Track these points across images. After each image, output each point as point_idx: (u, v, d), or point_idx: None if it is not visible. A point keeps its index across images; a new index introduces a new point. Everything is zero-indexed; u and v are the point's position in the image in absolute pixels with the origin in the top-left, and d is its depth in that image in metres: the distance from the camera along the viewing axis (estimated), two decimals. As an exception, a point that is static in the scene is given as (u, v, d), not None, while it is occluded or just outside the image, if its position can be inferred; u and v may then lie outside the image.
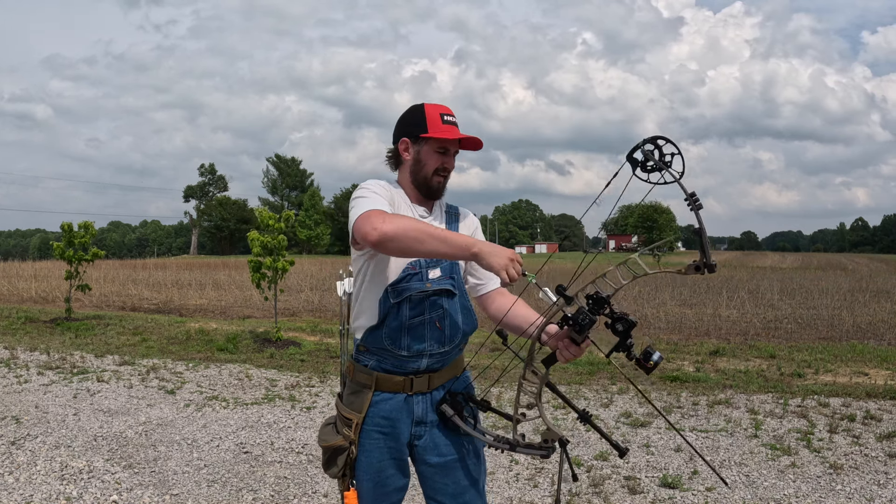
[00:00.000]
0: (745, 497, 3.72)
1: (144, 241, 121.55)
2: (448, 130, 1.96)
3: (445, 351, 1.99)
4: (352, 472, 1.99)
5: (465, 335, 2.03)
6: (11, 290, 16.37)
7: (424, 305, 1.93)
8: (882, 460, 4.31)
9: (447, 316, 1.96)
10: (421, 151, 1.98)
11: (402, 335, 1.93)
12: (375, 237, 1.68)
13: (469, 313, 2.04)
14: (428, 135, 1.95)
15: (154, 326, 10.05)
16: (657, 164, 1.69)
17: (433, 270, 1.95)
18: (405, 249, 1.70)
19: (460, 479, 2.01)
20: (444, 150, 1.98)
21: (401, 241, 1.67)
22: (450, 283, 1.97)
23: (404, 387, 1.97)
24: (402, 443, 1.99)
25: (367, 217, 1.73)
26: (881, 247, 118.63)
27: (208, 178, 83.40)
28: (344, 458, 1.97)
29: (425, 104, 2.01)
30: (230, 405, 5.67)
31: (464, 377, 2.10)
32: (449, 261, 1.96)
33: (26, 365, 7.18)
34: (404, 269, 1.93)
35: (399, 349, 1.94)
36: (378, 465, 1.98)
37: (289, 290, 15.92)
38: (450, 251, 1.70)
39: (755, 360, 7.66)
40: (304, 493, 3.78)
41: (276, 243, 8.76)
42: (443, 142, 1.96)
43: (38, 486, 3.79)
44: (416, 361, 1.96)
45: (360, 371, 2.01)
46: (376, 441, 1.98)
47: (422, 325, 1.93)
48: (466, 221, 2.14)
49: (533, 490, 3.83)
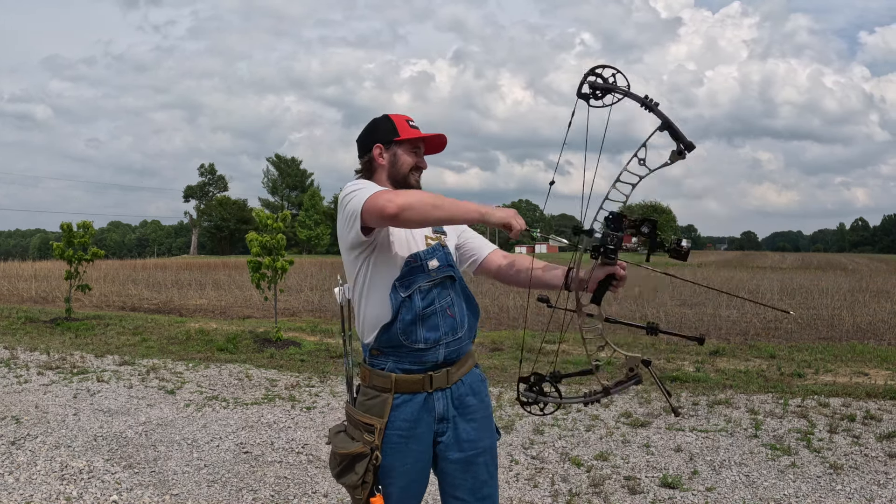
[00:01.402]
0: (745, 497, 3.72)
1: (144, 241, 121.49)
2: (416, 132, 2.13)
3: (459, 338, 2.02)
4: (375, 478, 1.94)
5: (472, 321, 2.08)
6: (11, 290, 16.37)
7: (434, 294, 1.98)
8: (882, 460, 4.31)
9: (455, 303, 2.03)
10: (396, 153, 2.10)
11: (416, 327, 1.95)
12: (393, 209, 1.76)
13: (470, 298, 2.10)
14: (401, 137, 2.09)
15: (154, 326, 10.05)
16: (605, 86, 1.83)
17: (431, 261, 2.01)
18: (423, 217, 1.79)
19: (479, 474, 2.04)
20: (416, 151, 2.13)
21: (418, 208, 1.77)
22: (451, 270, 2.04)
23: (423, 385, 1.98)
24: (426, 444, 2.00)
25: (376, 196, 1.81)
26: (881, 247, 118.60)
27: (208, 178, 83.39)
28: (365, 464, 1.93)
29: (390, 114, 2.16)
30: (230, 405, 5.67)
31: (473, 373, 2.12)
32: (444, 250, 2.06)
33: (26, 365, 7.18)
34: (406, 261, 1.98)
35: (415, 342, 1.95)
36: (403, 469, 1.97)
37: (289, 290, 15.91)
38: (462, 215, 1.82)
39: (755, 360, 7.67)
40: (304, 493, 3.78)
41: (275, 243, 8.76)
42: (415, 141, 2.12)
43: (38, 486, 3.79)
44: (434, 353, 1.97)
45: (377, 375, 1.99)
46: (400, 445, 1.96)
47: (434, 315, 1.97)
48: None
49: (533, 490, 3.83)
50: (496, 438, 2.14)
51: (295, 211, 75.35)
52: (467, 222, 1.93)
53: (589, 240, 1.84)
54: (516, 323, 11.26)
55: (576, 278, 1.90)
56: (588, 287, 1.94)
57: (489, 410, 2.12)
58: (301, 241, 71.62)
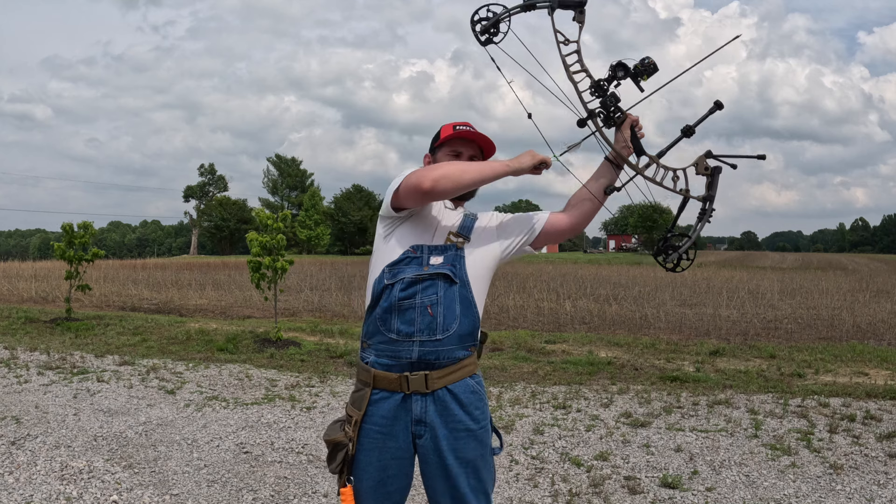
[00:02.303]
0: (745, 497, 3.72)
1: (144, 241, 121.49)
2: (454, 132, 2.14)
3: (439, 340, 1.95)
4: (349, 469, 2.00)
5: (464, 329, 1.98)
6: (11, 290, 16.36)
7: (417, 289, 1.96)
8: (882, 460, 4.31)
9: (441, 303, 1.96)
10: (436, 158, 2.18)
11: (391, 316, 1.96)
12: (428, 183, 1.89)
13: (470, 307, 2.00)
14: (439, 141, 2.16)
15: (154, 326, 10.05)
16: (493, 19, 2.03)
17: (436, 257, 2.00)
18: (455, 182, 1.91)
19: (459, 486, 1.98)
20: (457, 153, 2.15)
21: (450, 176, 1.90)
22: (449, 269, 1.99)
23: (401, 385, 1.96)
24: (402, 442, 1.99)
25: (413, 174, 1.95)
26: (881, 247, 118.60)
27: (208, 178, 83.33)
28: (342, 454, 1.99)
29: (447, 123, 2.23)
30: (230, 405, 5.67)
31: (465, 383, 2.02)
32: (457, 252, 2.03)
33: (26, 365, 7.18)
34: (405, 251, 2.00)
35: (389, 331, 1.97)
36: (378, 463, 1.99)
37: (289, 290, 15.91)
38: (490, 172, 1.96)
39: (755, 360, 7.66)
40: (304, 493, 3.78)
41: (275, 243, 8.76)
42: (452, 143, 2.14)
43: (38, 486, 3.79)
44: (408, 348, 1.95)
45: (362, 369, 2.05)
46: (376, 440, 1.99)
47: (412, 309, 1.95)
48: (485, 215, 2.21)
49: (533, 490, 3.83)
50: (489, 452, 2.06)
51: (295, 211, 75.31)
52: (497, 177, 1.98)
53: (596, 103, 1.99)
54: (516, 323, 11.26)
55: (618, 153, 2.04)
56: (627, 152, 2.03)
57: (480, 424, 2.02)
58: (301, 241, 71.56)
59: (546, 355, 7.99)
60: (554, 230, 2.15)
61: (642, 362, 7.53)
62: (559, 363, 7.44)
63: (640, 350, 8.30)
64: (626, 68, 1.95)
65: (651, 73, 1.96)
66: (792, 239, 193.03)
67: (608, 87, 1.97)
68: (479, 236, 2.10)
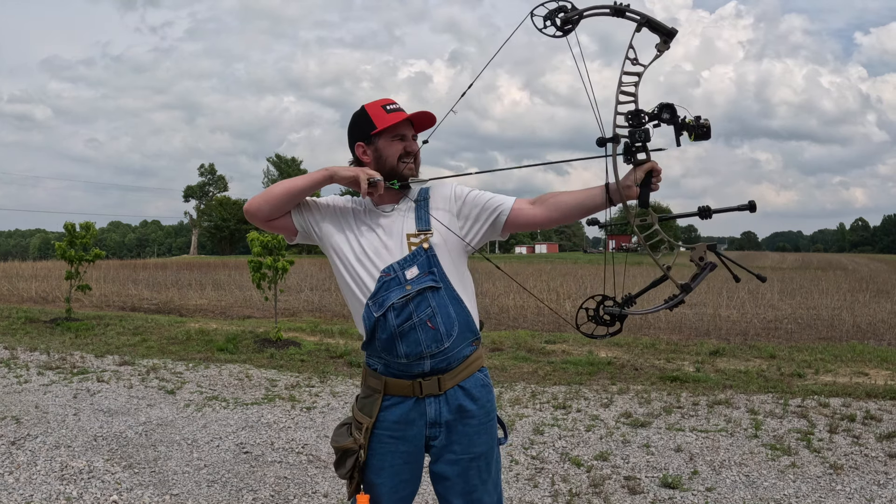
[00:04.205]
0: (745, 497, 3.72)
1: (144, 242, 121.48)
2: (394, 117, 1.97)
3: (446, 348, 1.91)
4: (360, 475, 1.96)
5: (464, 327, 1.95)
6: (11, 290, 16.36)
7: (410, 309, 1.88)
8: (882, 460, 4.31)
9: (437, 313, 1.89)
10: (378, 147, 1.99)
11: (395, 343, 1.89)
12: (251, 217, 2.02)
13: (461, 304, 1.95)
14: (378, 129, 1.97)
15: (154, 326, 10.04)
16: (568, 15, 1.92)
17: (409, 270, 1.90)
18: (270, 203, 1.98)
19: (470, 479, 1.99)
20: (402, 137, 1.99)
21: (261, 199, 1.98)
22: (431, 280, 1.90)
23: (413, 390, 1.93)
24: (416, 446, 1.97)
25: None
26: (881, 247, 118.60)
27: (208, 179, 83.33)
28: (353, 460, 1.95)
29: (365, 105, 2.04)
30: (230, 405, 5.67)
31: (475, 378, 2.02)
32: (427, 253, 1.91)
33: (26, 365, 7.18)
34: (379, 277, 1.90)
35: (397, 357, 1.90)
36: (392, 469, 1.96)
37: (289, 290, 15.90)
38: (306, 182, 1.97)
39: (755, 361, 7.66)
40: (304, 493, 3.78)
41: (277, 243, 8.77)
42: (395, 128, 1.98)
43: (38, 486, 3.78)
44: (419, 365, 1.91)
45: (371, 375, 2.00)
46: (389, 445, 1.96)
47: (413, 330, 1.88)
48: (436, 193, 2.04)
49: (533, 490, 3.83)
50: (498, 443, 2.07)
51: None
52: (316, 186, 1.96)
53: (618, 143, 1.80)
54: (516, 323, 11.25)
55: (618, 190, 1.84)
56: (631, 193, 1.85)
57: (490, 416, 2.04)
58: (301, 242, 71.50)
59: (546, 355, 7.99)
60: (524, 221, 1.99)
61: (642, 362, 7.53)
62: (559, 363, 7.44)
63: (640, 350, 8.30)
64: (675, 114, 1.77)
65: (699, 137, 1.76)
66: (792, 239, 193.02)
67: (646, 122, 1.80)
68: (438, 225, 1.96)
